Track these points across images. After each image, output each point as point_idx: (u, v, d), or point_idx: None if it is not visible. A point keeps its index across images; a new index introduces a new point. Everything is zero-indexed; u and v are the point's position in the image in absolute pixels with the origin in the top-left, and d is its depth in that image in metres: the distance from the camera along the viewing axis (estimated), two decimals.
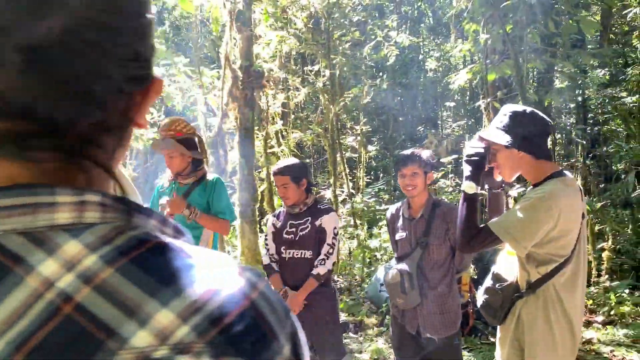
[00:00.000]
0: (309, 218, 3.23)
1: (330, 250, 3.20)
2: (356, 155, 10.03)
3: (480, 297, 2.26)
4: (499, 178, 2.28)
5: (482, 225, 2.10)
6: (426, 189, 3.07)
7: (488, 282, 2.25)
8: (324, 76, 8.86)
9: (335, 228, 3.24)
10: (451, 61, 11.42)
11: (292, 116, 8.43)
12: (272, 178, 3.78)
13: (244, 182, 4.62)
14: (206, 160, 3.45)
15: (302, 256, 3.21)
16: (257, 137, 5.58)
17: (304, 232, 3.22)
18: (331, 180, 7.38)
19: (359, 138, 9.79)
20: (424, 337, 3.03)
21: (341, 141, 8.65)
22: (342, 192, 8.46)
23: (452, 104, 11.45)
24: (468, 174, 2.16)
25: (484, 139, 2.19)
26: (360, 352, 4.72)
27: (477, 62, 6.57)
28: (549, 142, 2.22)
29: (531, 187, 2.18)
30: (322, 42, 7.76)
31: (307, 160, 9.31)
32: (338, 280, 6.88)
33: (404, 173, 3.00)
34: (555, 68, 7.69)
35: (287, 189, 3.19)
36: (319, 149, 11.17)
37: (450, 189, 8.10)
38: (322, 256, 3.18)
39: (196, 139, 3.39)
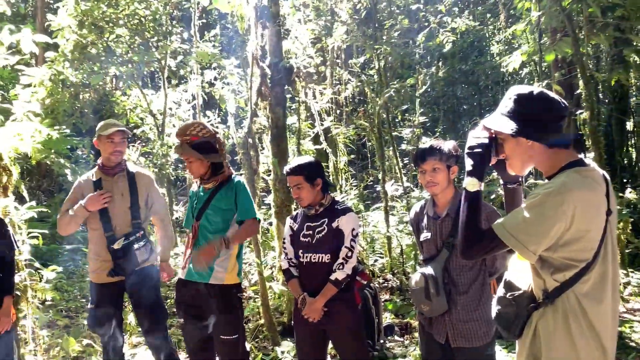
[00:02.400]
0: (326, 219, 3.05)
1: (349, 254, 3.00)
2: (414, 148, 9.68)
3: (494, 307, 1.99)
4: (512, 171, 1.99)
5: (486, 229, 1.84)
6: (451, 185, 2.80)
7: (500, 290, 1.97)
8: (372, 68, 8.61)
9: (354, 229, 3.03)
10: (513, 43, 10.76)
11: (338, 111, 8.22)
12: None
13: (278, 183, 4.51)
14: (226, 163, 3.35)
15: (320, 260, 3.04)
16: (290, 138, 5.46)
17: (320, 235, 3.04)
18: (380, 176, 7.11)
19: (415, 130, 9.45)
20: (454, 346, 2.76)
21: (394, 134, 8.36)
22: (399, 186, 8.16)
23: None
24: (470, 169, 1.89)
25: (488, 128, 1.92)
26: (404, 357, 4.48)
27: (532, 43, 6.07)
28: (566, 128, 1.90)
29: (546, 180, 1.88)
30: (370, 33, 7.51)
31: (353, 156, 9.06)
32: (390, 279, 6.64)
33: (424, 169, 2.75)
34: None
35: (301, 189, 3.03)
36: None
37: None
38: (340, 260, 3.00)
39: (215, 142, 3.31)
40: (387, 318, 5.32)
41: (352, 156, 9.12)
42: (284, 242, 3.23)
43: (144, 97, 8.84)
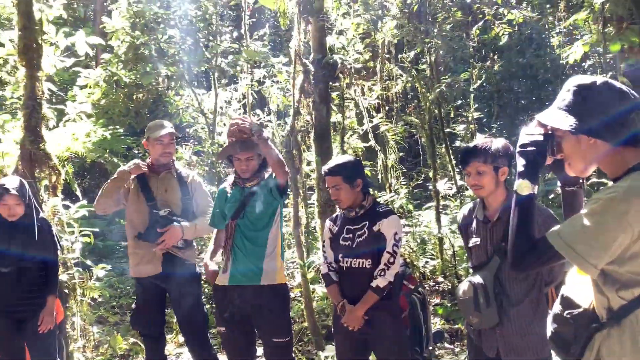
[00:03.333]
0: (367, 222, 2.89)
1: (391, 260, 2.82)
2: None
3: (549, 325, 1.77)
4: (572, 173, 1.76)
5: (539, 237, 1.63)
6: (501, 187, 2.56)
7: (557, 307, 1.75)
8: (424, 62, 8.33)
9: (396, 233, 2.85)
10: (575, 34, 10.17)
11: (387, 108, 8.00)
12: None
13: (322, 182, 4.37)
14: None
15: (361, 266, 2.88)
16: (335, 135, 5.32)
17: (361, 239, 2.88)
18: (430, 174, 6.85)
19: (470, 126, 9.11)
20: None
21: (447, 130, 8.06)
22: (452, 185, 7.86)
23: None
24: (521, 170, 1.68)
25: (543, 124, 1.70)
26: None
27: (593, 32, 5.66)
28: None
29: (611, 183, 1.65)
30: (421, 27, 7.26)
31: (402, 154, 8.81)
32: (441, 282, 6.38)
33: (468, 171, 2.53)
34: None
35: (340, 190, 2.87)
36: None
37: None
38: (381, 266, 2.82)
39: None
40: (437, 324, 5.09)
41: (402, 154, 8.85)
42: (323, 245, 3.09)
43: (195, 97, 8.92)
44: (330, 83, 4.59)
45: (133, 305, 3.68)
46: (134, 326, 3.78)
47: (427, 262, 6.87)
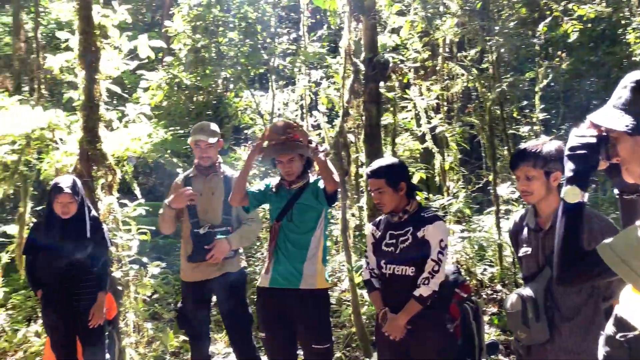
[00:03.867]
0: (410, 228, 2.76)
1: (436, 267, 2.68)
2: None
3: (601, 348, 1.60)
4: (630, 179, 1.58)
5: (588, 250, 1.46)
6: (554, 193, 2.37)
7: (609, 328, 1.57)
8: (486, 61, 8.01)
9: (442, 241, 2.71)
10: None
11: (446, 108, 7.74)
12: None
13: None
14: None
15: (404, 273, 2.75)
16: (385, 142, 5.19)
17: (404, 245, 2.75)
18: (491, 177, 6.57)
19: (535, 127, 8.69)
20: None
21: (510, 132, 7.72)
22: (515, 189, 7.52)
23: None
24: (570, 175, 1.52)
25: (596, 124, 1.53)
26: None
27: None
28: None
29: None
30: (482, 24, 6.98)
31: (461, 157, 8.50)
32: (500, 291, 6.09)
33: (517, 176, 2.36)
34: None
35: (382, 194, 2.76)
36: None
37: None
38: (425, 274, 2.69)
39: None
40: (492, 335, 4.85)
41: (462, 156, 8.55)
42: (366, 251, 2.99)
43: (254, 99, 9.02)
44: (382, 83, 4.46)
45: (179, 305, 3.72)
46: (180, 326, 3.82)
47: (485, 269, 6.59)
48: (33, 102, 8.14)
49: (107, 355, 3.71)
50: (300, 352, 3.32)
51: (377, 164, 2.80)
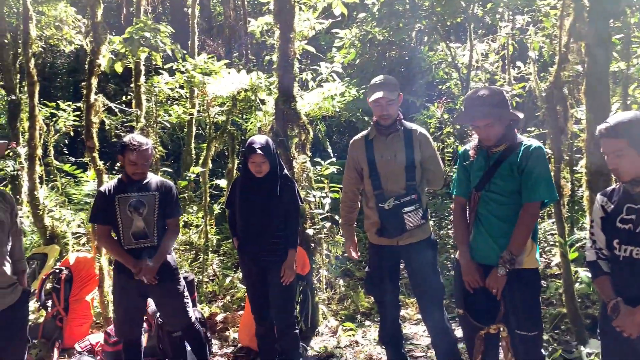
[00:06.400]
0: None
1: None
2: None
3: None
4: None
5: None
6: None
7: None
8: None
9: None
10: None
11: None
12: None
13: (593, 145, 3.56)
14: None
15: None
16: (613, 91, 4.28)
17: None
18: None
19: None
20: None
21: None
22: None
23: None
24: None
25: None
26: None
27: None
28: None
29: None
30: None
31: None
32: None
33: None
34: None
35: (622, 157, 2.19)
36: None
37: None
38: None
39: (505, 99, 2.74)
40: None
41: None
42: (591, 226, 2.45)
43: (450, 51, 8.45)
44: (613, 20, 3.65)
45: (367, 269, 3.57)
46: (368, 291, 3.68)
47: None
48: (240, 66, 8.71)
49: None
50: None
51: (615, 119, 2.21)
